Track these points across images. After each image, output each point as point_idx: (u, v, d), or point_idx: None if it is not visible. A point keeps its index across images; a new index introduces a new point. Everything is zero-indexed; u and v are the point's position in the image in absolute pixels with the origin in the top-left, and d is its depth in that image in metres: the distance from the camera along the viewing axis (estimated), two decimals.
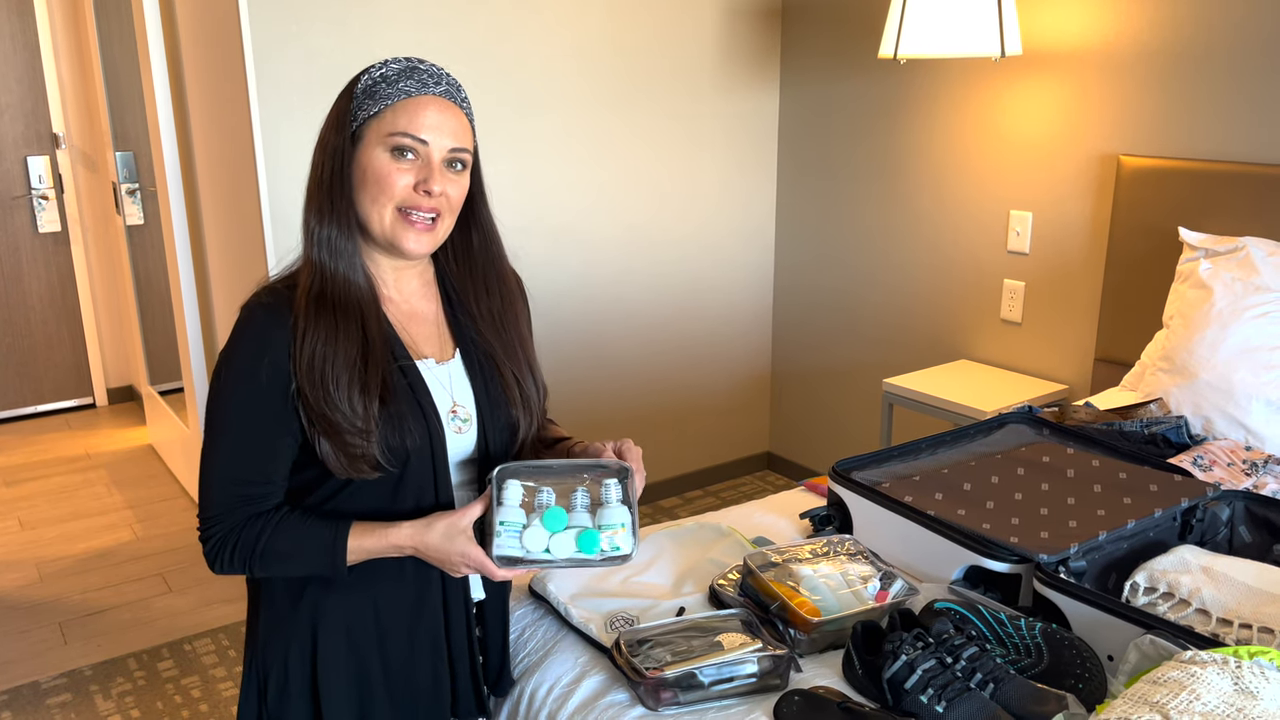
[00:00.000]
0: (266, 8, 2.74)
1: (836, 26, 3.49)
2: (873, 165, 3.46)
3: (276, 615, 1.35)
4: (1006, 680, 1.27)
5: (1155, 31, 2.64)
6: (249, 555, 1.28)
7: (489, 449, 1.39)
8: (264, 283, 1.33)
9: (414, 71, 1.29)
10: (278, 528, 1.28)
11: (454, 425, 1.35)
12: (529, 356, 1.45)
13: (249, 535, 1.28)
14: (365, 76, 1.29)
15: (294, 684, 1.35)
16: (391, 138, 1.26)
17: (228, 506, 1.28)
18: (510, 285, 1.46)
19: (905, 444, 1.96)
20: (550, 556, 1.24)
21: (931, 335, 3.38)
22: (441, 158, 1.29)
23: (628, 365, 3.66)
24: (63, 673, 2.82)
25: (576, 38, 3.27)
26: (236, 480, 1.27)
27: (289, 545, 1.28)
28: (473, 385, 1.38)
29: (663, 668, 1.34)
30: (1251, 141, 2.49)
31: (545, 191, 3.32)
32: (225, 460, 1.27)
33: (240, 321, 1.27)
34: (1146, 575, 1.50)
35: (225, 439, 1.27)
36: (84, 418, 4.90)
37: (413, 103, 1.27)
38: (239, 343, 1.26)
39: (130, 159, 4.19)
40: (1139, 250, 2.67)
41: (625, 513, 1.27)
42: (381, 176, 1.27)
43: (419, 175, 1.28)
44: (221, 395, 1.27)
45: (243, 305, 1.29)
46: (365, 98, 1.28)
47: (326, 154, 1.29)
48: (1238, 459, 2.01)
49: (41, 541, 3.61)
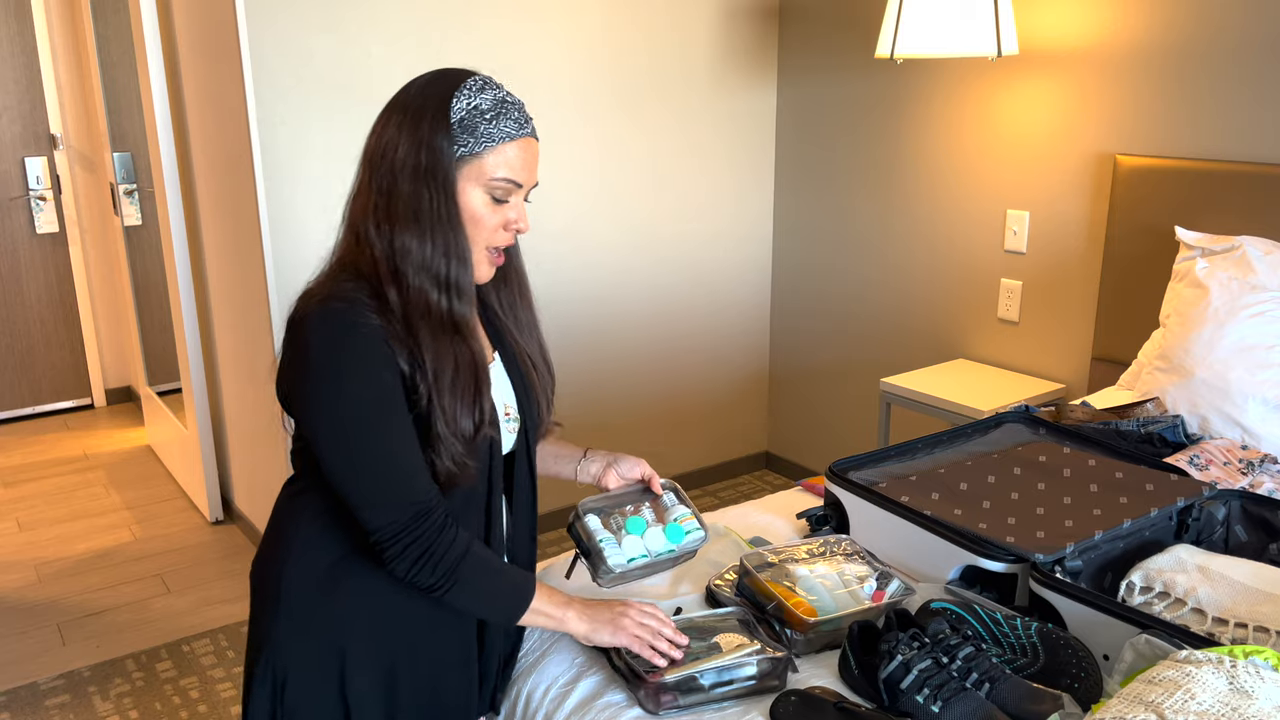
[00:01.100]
0: (263, 8, 2.74)
1: (833, 26, 3.50)
2: (870, 165, 3.46)
3: (298, 616, 1.34)
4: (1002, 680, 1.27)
5: (1151, 31, 2.64)
6: (450, 571, 1.28)
7: (528, 445, 1.45)
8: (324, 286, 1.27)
9: (508, 108, 1.29)
10: (478, 555, 1.30)
11: (508, 426, 1.40)
12: (539, 335, 1.51)
13: (451, 552, 1.27)
14: (457, 104, 1.27)
15: (317, 685, 1.34)
16: (495, 184, 1.29)
17: (405, 500, 1.25)
18: (526, 280, 1.50)
19: (902, 444, 1.96)
20: (648, 553, 1.50)
21: (929, 335, 3.38)
22: (525, 195, 1.34)
23: (625, 365, 3.66)
24: (61, 674, 2.82)
25: (574, 38, 3.27)
26: (404, 472, 1.25)
27: (488, 578, 1.31)
28: (514, 384, 1.43)
29: (663, 671, 1.34)
30: (1248, 140, 2.49)
31: (542, 192, 3.33)
32: (383, 457, 1.24)
33: (336, 330, 1.22)
34: (1142, 574, 1.50)
35: (372, 439, 1.23)
36: (82, 418, 4.90)
37: (513, 147, 1.29)
38: (353, 351, 1.22)
39: (128, 160, 4.19)
40: (1135, 249, 2.68)
41: (688, 510, 1.57)
42: (479, 219, 1.30)
43: (510, 214, 1.32)
44: (348, 401, 1.22)
45: (322, 310, 1.23)
46: (463, 132, 1.26)
47: (433, 183, 1.26)
48: (1234, 458, 2.02)
49: (40, 542, 3.61)
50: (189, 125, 3.34)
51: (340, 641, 1.34)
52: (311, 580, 1.34)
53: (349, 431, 1.23)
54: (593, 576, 1.50)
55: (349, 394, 1.22)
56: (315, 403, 1.24)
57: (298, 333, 1.25)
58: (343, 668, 1.34)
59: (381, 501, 1.25)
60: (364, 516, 1.26)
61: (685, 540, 1.53)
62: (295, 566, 1.34)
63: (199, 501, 3.81)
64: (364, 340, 1.22)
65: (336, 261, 1.32)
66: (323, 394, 1.23)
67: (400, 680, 1.38)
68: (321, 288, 1.27)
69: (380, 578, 1.34)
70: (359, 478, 1.24)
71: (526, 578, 1.35)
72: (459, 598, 1.29)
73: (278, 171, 2.85)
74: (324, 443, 1.25)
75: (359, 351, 1.22)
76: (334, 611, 1.33)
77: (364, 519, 1.26)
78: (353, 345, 1.22)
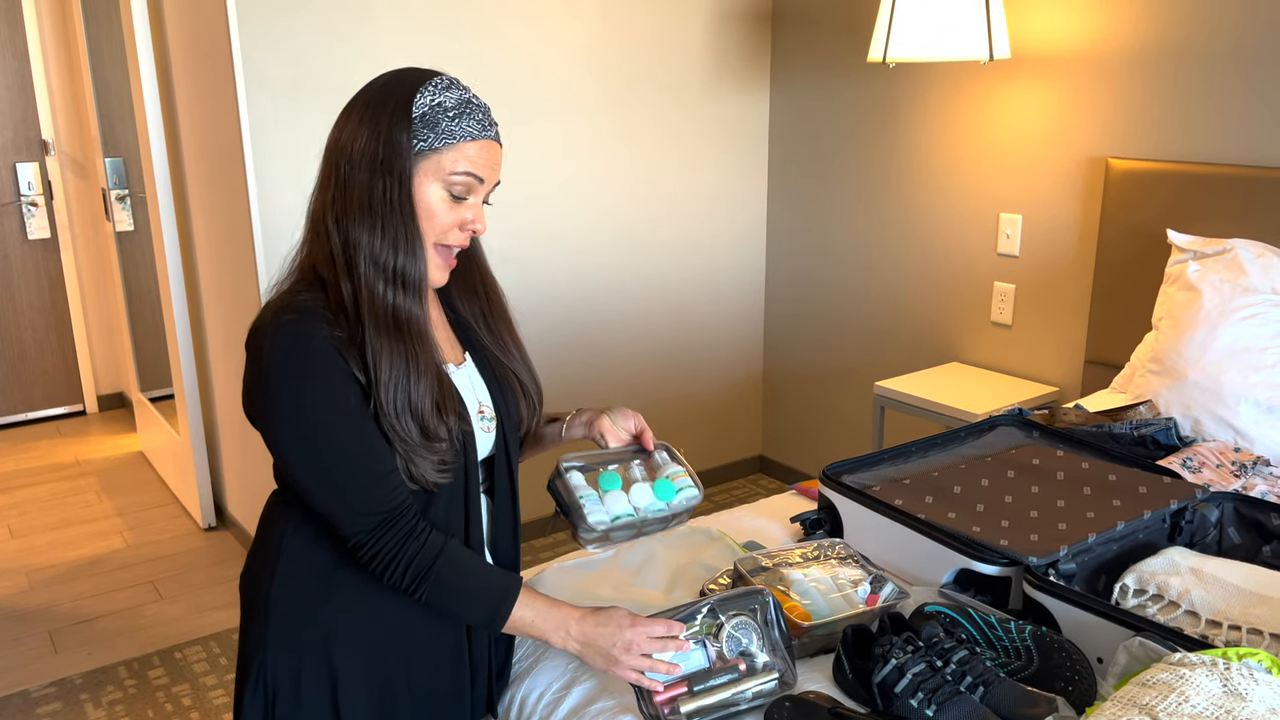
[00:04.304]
0: (255, 13, 2.73)
1: (826, 30, 3.50)
2: (863, 168, 3.47)
3: (288, 626, 1.33)
4: (996, 683, 1.27)
5: (1143, 35, 2.65)
6: (421, 574, 1.26)
7: (506, 445, 1.43)
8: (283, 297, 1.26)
9: (472, 109, 1.28)
10: (452, 555, 1.28)
11: (482, 425, 1.39)
12: (520, 350, 1.49)
13: (422, 555, 1.26)
14: (420, 99, 1.26)
15: (310, 695, 1.34)
16: (454, 179, 1.27)
17: (373, 509, 1.24)
18: (493, 284, 1.49)
19: (896, 447, 1.96)
20: (634, 511, 1.39)
21: (922, 338, 3.38)
22: (484, 197, 1.32)
23: (619, 369, 3.65)
24: (53, 681, 2.80)
25: (566, 43, 3.27)
26: (367, 480, 1.24)
27: (462, 578, 1.28)
28: (488, 385, 1.42)
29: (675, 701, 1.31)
30: (1239, 143, 2.50)
31: (536, 196, 3.32)
32: (344, 469, 1.23)
33: (289, 344, 1.21)
34: (1136, 577, 1.50)
35: (331, 451, 1.22)
36: (74, 425, 4.88)
37: (475, 147, 1.28)
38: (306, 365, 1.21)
39: (120, 165, 4.18)
40: (1128, 252, 2.68)
41: (682, 469, 1.46)
42: (434, 213, 1.28)
43: (466, 213, 1.31)
44: (304, 415, 1.21)
45: (274, 325, 1.22)
46: (424, 127, 1.25)
47: (389, 175, 1.25)
48: (1227, 460, 2.02)
49: (31, 549, 3.60)
50: (181, 130, 3.33)
51: (331, 654, 1.33)
52: (299, 594, 1.33)
53: (308, 445, 1.23)
54: (572, 535, 1.42)
55: (305, 408, 1.21)
56: (274, 418, 1.23)
57: (254, 347, 1.24)
58: (334, 680, 1.34)
59: (346, 511, 1.24)
60: (335, 524, 1.26)
61: (677, 498, 1.42)
62: (283, 581, 1.34)
63: (191, 508, 3.80)
64: (317, 353, 1.21)
65: (298, 264, 1.31)
66: (280, 409, 1.22)
67: (393, 689, 1.37)
68: (279, 298, 1.26)
69: (368, 588, 1.33)
70: (321, 489, 1.24)
71: (510, 579, 1.32)
72: (436, 599, 1.28)
73: (270, 176, 2.84)
74: (285, 457, 1.24)
75: (313, 365, 1.21)
76: (323, 624, 1.33)
77: (336, 526, 1.27)
78: (306, 359, 1.21)
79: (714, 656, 1.32)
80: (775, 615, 1.35)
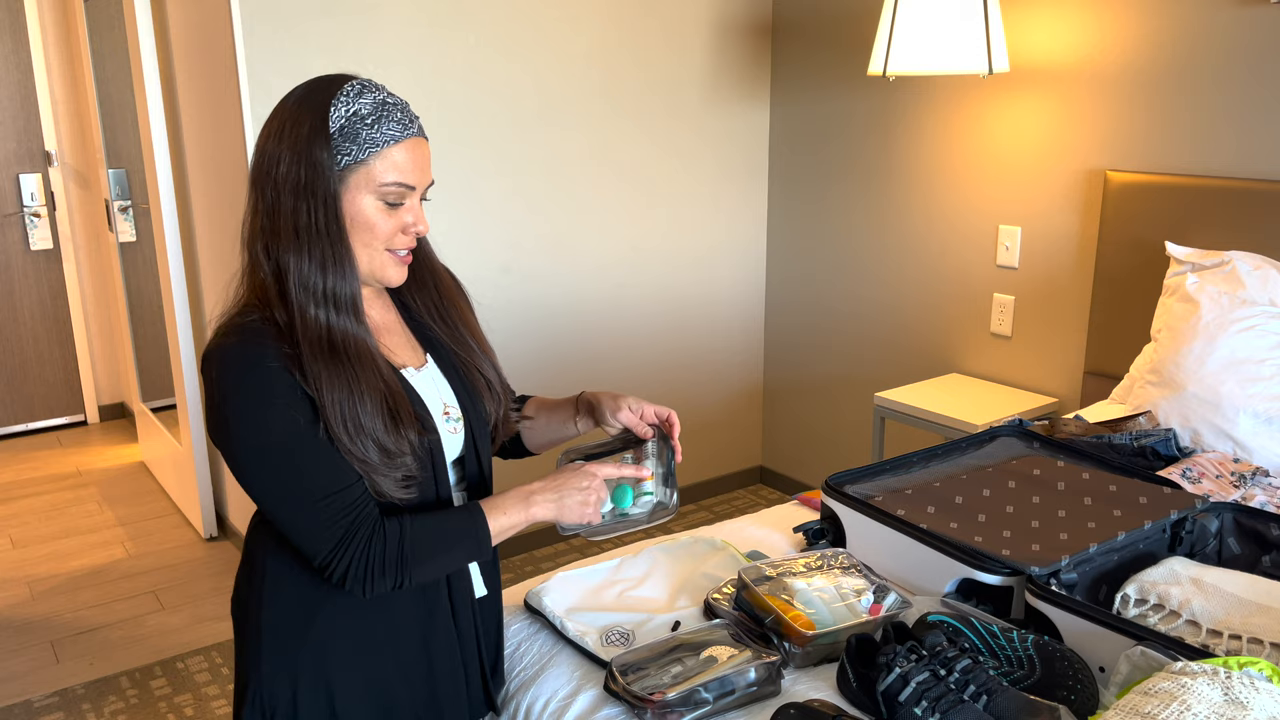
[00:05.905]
0: (260, 24, 2.75)
1: (826, 44, 3.53)
2: (863, 181, 3.49)
3: (280, 649, 1.33)
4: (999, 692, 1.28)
5: (1141, 48, 2.67)
6: (398, 565, 1.26)
7: (475, 444, 1.43)
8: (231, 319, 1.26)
9: (389, 109, 1.26)
10: (414, 531, 1.27)
11: (449, 426, 1.38)
12: (480, 343, 1.48)
13: (388, 550, 1.25)
14: (335, 111, 1.24)
15: (308, 710, 1.34)
16: (385, 189, 1.26)
17: (330, 528, 1.23)
18: (444, 277, 1.48)
19: (897, 457, 1.97)
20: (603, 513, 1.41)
21: (922, 349, 3.40)
22: (420, 195, 1.32)
23: (619, 380, 3.67)
24: (55, 691, 2.81)
25: (567, 55, 3.29)
26: (324, 496, 1.22)
27: (433, 543, 1.27)
28: (451, 384, 1.42)
29: (664, 690, 1.34)
30: (1237, 156, 2.52)
31: (536, 207, 3.34)
32: (298, 489, 1.22)
33: (235, 368, 1.21)
34: (1137, 587, 1.51)
35: (282, 474, 1.21)
36: (75, 435, 4.88)
37: (399, 150, 1.26)
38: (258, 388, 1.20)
39: (123, 176, 4.20)
40: (1127, 264, 2.70)
41: (649, 468, 1.47)
42: (373, 224, 1.27)
43: (406, 217, 1.30)
44: (253, 440, 1.21)
45: (221, 350, 1.22)
46: (344, 140, 1.23)
47: (313, 198, 1.23)
48: (1226, 471, 2.03)
49: (33, 559, 3.60)
50: (185, 141, 3.34)
51: (326, 671, 1.34)
52: (286, 617, 1.33)
53: (259, 468, 1.22)
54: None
55: (260, 432, 1.20)
56: (230, 442, 1.22)
57: (206, 373, 1.24)
58: (331, 696, 1.34)
59: (307, 530, 1.23)
60: (299, 547, 1.25)
61: (632, 504, 1.43)
62: (269, 605, 1.33)
63: (193, 518, 3.80)
64: (268, 373, 1.20)
65: (246, 288, 1.29)
66: (235, 432, 1.21)
67: (391, 698, 1.38)
68: (228, 321, 1.26)
69: (353, 601, 1.33)
70: (280, 511, 1.23)
71: (471, 512, 1.31)
72: (421, 574, 1.28)
73: None
74: (243, 479, 1.24)
75: (263, 387, 1.20)
76: (314, 643, 1.33)
77: (300, 549, 1.26)
78: (252, 382, 1.20)
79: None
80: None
